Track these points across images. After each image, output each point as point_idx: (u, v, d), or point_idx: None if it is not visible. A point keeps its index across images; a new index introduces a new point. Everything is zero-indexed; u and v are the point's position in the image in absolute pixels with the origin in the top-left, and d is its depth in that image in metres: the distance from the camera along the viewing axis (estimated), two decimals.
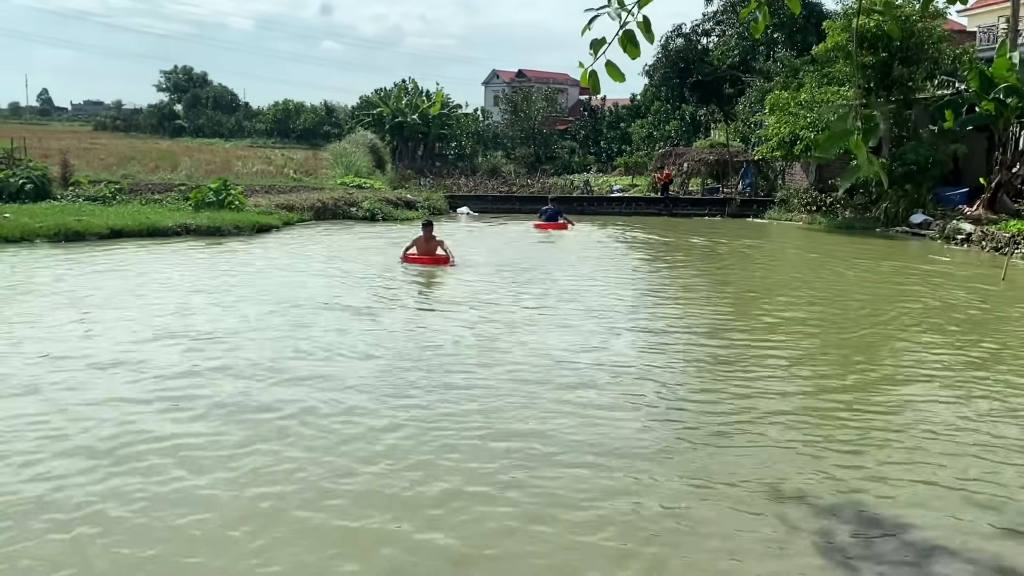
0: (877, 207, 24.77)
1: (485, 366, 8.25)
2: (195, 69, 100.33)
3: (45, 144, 37.37)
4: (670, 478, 5.63)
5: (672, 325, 10.84)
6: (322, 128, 79.97)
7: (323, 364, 8.15)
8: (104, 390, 7.15)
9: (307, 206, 23.46)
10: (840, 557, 4.60)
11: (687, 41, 45.08)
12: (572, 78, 79.85)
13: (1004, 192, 23.26)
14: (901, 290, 14.08)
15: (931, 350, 9.55)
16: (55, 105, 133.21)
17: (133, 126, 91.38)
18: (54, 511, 4.89)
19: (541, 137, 56.41)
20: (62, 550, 4.48)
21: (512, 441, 6.19)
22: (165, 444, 5.93)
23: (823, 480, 5.65)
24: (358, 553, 4.55)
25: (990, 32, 33.39)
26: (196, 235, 18.14)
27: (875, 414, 7.16)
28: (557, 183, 38.75)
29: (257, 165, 35.56)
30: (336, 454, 5.86)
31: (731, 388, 7.78)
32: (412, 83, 52.87)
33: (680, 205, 31.22)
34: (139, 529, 4.72)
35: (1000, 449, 6.27)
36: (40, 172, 22.22)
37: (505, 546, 4.67)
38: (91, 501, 5.03)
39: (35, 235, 16.46)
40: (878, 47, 24.19)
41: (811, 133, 24.24)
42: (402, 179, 35.02)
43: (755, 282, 15.23)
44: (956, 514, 5.16)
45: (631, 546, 4.69)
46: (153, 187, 25.43)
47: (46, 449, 5.79)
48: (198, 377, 7.56)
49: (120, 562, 4.39)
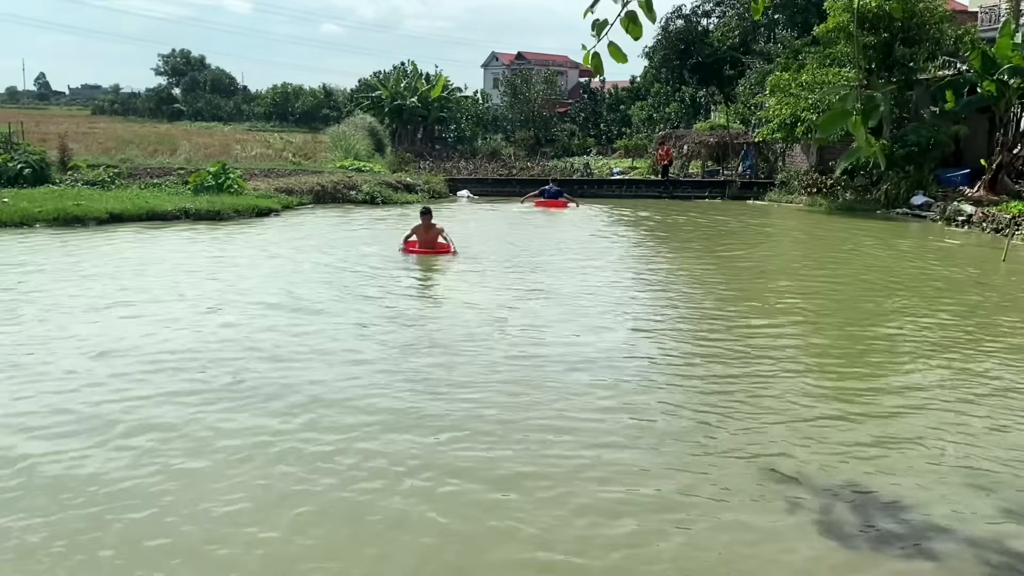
0: (878, 189, 24.70)
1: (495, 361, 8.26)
2: (193, 52, 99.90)
3: (43, 128, 37.24)
4: (671, 458, 5.64)
5: (670, 308, 10.85)
6: (321, 111, 79.62)
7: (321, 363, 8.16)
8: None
9: (306, 190, 23.41)
10: (840, 537, 4.62)
11: (687, 22, 44.87)
12: (572, 60, 79.49)
13: (1005, 173, 23.19)
14: (902, 272, 14.07)
15: (932, 332, 9.55)
16: (53, 89, 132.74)
17: (131, 110, 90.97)
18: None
19: (541, 120, 56.15)
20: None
21: (513, 422, 6.21)
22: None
23: (824, 460, 5.66)
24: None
25: (992, 12, 33.20)
26: (195, 219, 18.10)
27: (876, 395, 7.17)
28: (557, 166, 38.61)
29: (256, 149, 35.42)
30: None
31: (732, 369, 7.79)
32: (412, 66, 52.54)
33: (680, 187, 31.12)
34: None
35: (1002, 431, 6.29)
36: (38, 157, 22.15)
37: (490, 530, 4.69)
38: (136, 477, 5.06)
39: (34, 220, 16.43)
40: (880, 27, 24.06)
41: (812, 115, 24.12)
42: (401, 162, 34.87)
43: (757, 263, 15.20)
44: (957, 495, 5.18)
45: (632, 527, 4.71)
46: (152, 171, 25.33)
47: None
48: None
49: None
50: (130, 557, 4.32)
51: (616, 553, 4.45)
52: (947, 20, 25.39)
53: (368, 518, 4.78)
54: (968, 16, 35.01)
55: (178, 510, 4.79)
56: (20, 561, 4.24)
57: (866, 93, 3.75)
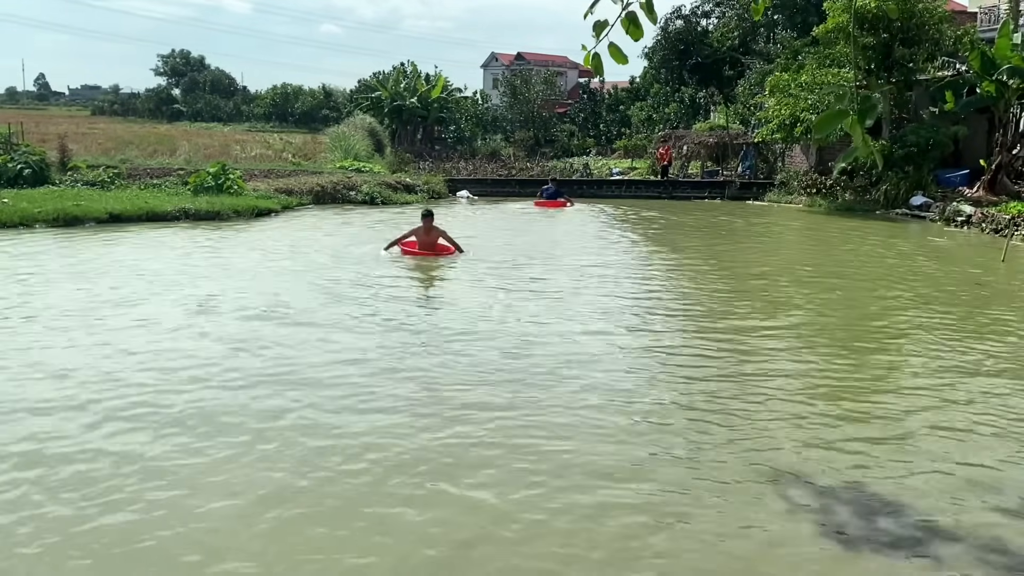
0: (877, 189, 24.71)
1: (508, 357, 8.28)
2: (193, 53, 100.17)
3: (43, 129, 37.27)
4: (667, 457, 5.66)
5: (666, 307, 10.86)
6: (320, 112, 79.73)
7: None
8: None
9: (306, 190, 23.43)
10: (839, 536, 4.63)
11: (687, 23, 44.89)
12: (571, 61, 79.58)
13: (1004, 174, 23.21)
14: (900, 272, 14.08)
15: (931, 332, 9.54)
16: (52, 90, 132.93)
17: (131, 110, 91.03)
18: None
19: (540, 120, 56.22)
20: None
21: (507, 418, 6.23)
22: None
23: (821, 458, 5.66)
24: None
25: (991, 13, 33.22)
26: (195, 219, 18.11)
27: (874, 394, 7.18)
28: (556, 166, 38.64)
29: (256, 149, 35.47)
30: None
31: (729, 368, 7.80)
32: (411, 66, 52.59)
33: (680, 188, 31.16)
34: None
35: (1001, 431, 6.29)
36: (38, 157, 22.16)
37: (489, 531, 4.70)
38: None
39: (34, 220, 16.44)
40: (879, 28, 24.07)
41: (811, 115, 24.12)
42: (401, 163, 34.89)
43: (755, 263, 15.19)
44: (956, 494, 5.18)
45: (628, 525, 4.72)
46: (151, 172, 25.36)
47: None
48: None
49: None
50: (104, 560, 4.30)
51: (603, 551, 4.45)
52: (946, 21, 25.39)
53: (353, 519, 4.77)
54: (967, 16, 35.04)
55: (158, 512, 4.79)
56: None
57: (863, 93, 3.76)
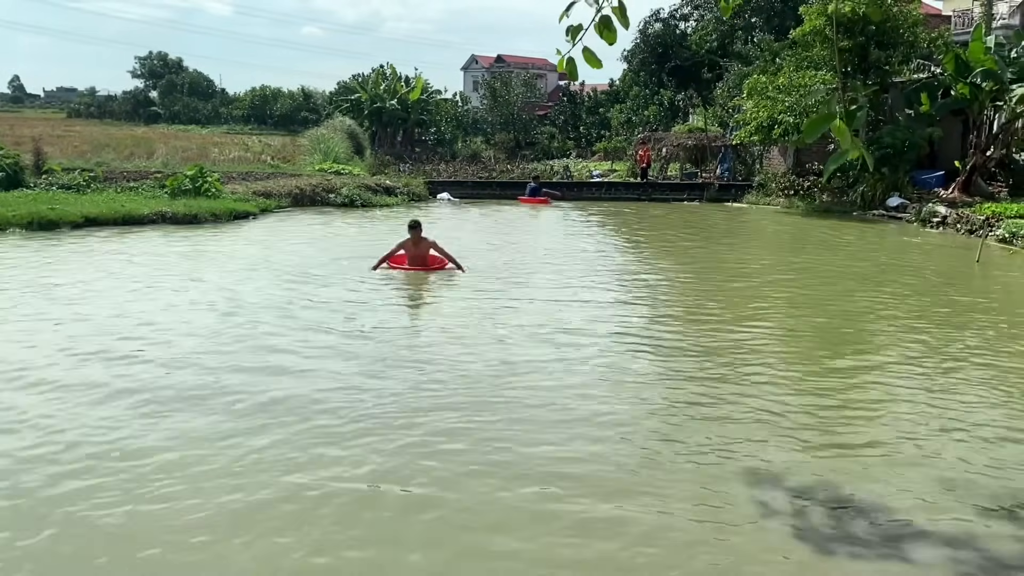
0: (854, 191, 24.94)
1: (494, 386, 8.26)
2: (170, 55, 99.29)
3: (17, 131, 36.83)
4: (639, 454, 5.67)
5: (646, 308, 10.90)
6: (300, 114, 79.34)
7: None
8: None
9: (285, 192, 23.30)
10: (814, 536, 4.65)
11: (665, 26, 45.15)
12: (551, 63, 79.13)
13: (979, 175, 23.53)
14: (878, 273, 14.21)
15: (910, 333, 9.64)
16: (27, 92, 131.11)
17: (107, 113, 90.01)
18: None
19: (520, 123, 56.28)
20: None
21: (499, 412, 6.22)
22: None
23: (800, 460, 5.69)
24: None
25: (965, 16, 33.67)
26: (172, 223, 17.95)
27: (854, 394, 7.24)
28: (537, 168, 38.63)
29: (234, 152, 35.23)
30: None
31: (709, 370, 7.83)
32: (390, 68, 52.43)
33: (659, 190, 31.29)
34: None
35: (981, 431, 6.35)
36: (12, 160, 21.83)
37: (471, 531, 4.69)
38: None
39: (8, 224, 16.22)
40: (855, 31, 24.31)
41: (789, 117, 24.33)
42: (381, 165, 34.78)
43: (734, 264, 15.28)
44: (935, 495, 5.23)
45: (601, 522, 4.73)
46: (128, 175, 25.11)
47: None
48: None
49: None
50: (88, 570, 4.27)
51: (589, 551, 4.46)
52: (921, 24, 25.71)
53: (336, 522, 4.76)
54: (942, 20, 35.51)
55: (139, 521, 4.75)
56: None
57: (848, 96, 3.77)
